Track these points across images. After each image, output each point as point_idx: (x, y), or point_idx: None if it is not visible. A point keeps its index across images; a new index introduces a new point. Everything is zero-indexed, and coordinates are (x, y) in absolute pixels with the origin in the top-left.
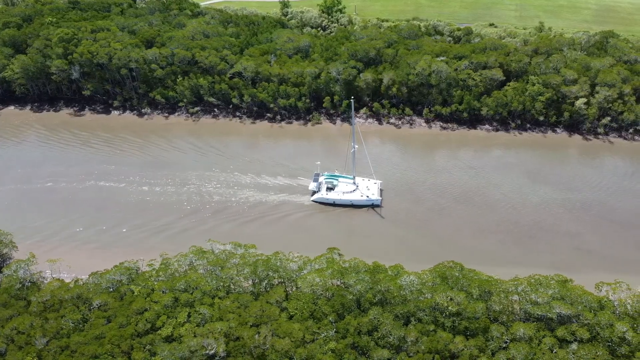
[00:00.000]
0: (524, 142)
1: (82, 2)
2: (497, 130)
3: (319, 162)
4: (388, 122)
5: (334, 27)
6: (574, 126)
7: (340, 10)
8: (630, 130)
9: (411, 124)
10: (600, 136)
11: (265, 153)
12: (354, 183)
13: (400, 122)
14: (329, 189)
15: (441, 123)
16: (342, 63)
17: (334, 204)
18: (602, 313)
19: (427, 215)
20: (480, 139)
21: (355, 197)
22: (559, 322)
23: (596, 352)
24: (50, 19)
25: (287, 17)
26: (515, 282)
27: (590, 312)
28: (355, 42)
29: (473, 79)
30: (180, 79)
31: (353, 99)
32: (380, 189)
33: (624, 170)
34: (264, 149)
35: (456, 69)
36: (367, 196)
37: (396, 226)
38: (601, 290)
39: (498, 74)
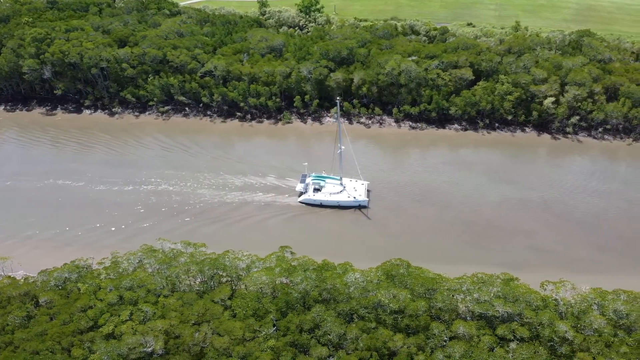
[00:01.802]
0: (492, 142)
1: (60, 2)
2: (466, 129)
3: (306, 163)
4: (358, 122)
5: (312, 26)
6: (543, 125)
7: (319, 10)
8: (600, 130)
9: (381, 124)
10: (569, 135)
11: (236, 152)
12: (341, 184)
13: (370, 121)
14: (316, 190)
15: (410, 122)
16: (313, 62)
17: (321, 205)
18: (543, 312)
19: (386, 213)
20: (447, 139)
21: (342, 198)
22: (503, 320)
23: (534, 351)
24: (27, 19)
25: (265, 16)
26: (460, 280)
27: (532, 310)
28: (328, 41)
29: (442, 78)
30: (152, 78)
31: (339, 99)
32: (368, 190)
33: (586, 169)
34: (234, 148)
35: (426, 69)
36: (354, 197)
37: (359, 225)
38: (546, 289)
39: (467, 74)
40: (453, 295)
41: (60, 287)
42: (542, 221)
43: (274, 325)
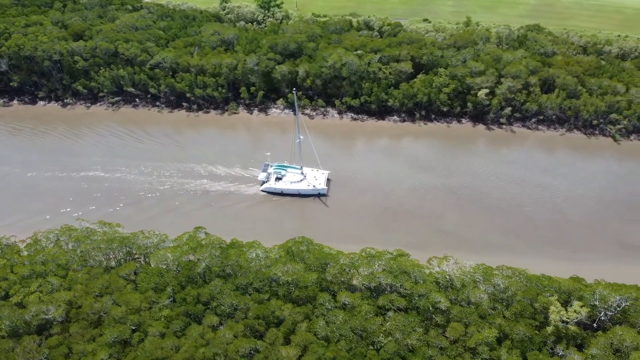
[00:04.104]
0: (426, 132)
1: None
2: (404, 121)
3: (268, 153)
4: (303, 113)
5: (270, 21)
6: (479, 117)
7: (278, 6)
8: (534, 120)
9: (324, 115)
10: (503, 126)
11: (187, 142)
12: (302, 173)
13: (314, 113)
14: (278, 179)
15: (352, 114)
16: (262, 55)
17: (282, 194)
18: (421, 284)
19: (299, 199)
20: (385, 130)
21: (302, 186)
22: (391, 292)
23: (408, 319)
24: None
25: (225, 11)
26: (352, 255)
27: (412, 283)
28: (277, 35)
29: (383, 71)
30: (103, 70)
31: (295, 90)
32: (328, 179)
33: (508, 158)
34: (185, 139)
35: (369, 63)
36: (314, 186)
37: (277, 211)
38: (431, 265)
39: (406, 67)
40: (345, 269)
41: None
42: (453, 206)
43: (169, 297)
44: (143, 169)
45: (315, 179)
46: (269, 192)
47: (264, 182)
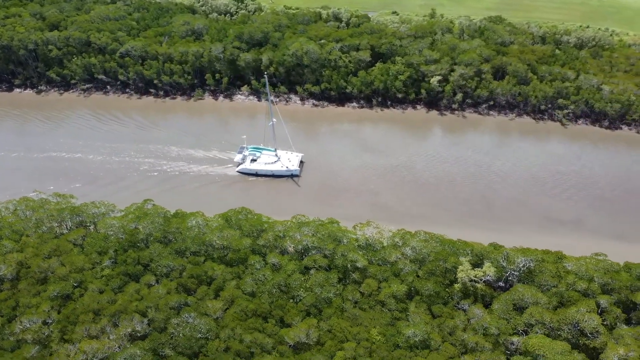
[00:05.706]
0: (381, 118)
1: None
2: (363, 107)
3: (244, 136)
4: (266, 99)
5: (242, 13)
6: (433, 103)
7: None
8: (485, 106)
9: (287, 101)
10: (456, 112)
11: (153, 125)
12: (276, 155)
13: (278, 99)
14: (253, 160)
15: (314, 101)
16: (228, 43)
17: (256, 174)
18: (342, 246)
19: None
20: (342, 115)
21: (276, 167)
22: (315, 254)
23: (327, 276)
24: None
25: (200, 3)
26: (285, 223)
27: (335, 245)
28: (243, 25)
29: (343, 60)
30: (76, 58)
31: (267, 74)
32: (302, 161)
33: (449, 141)
34: (148, 123)
35: (329, 51)
36: (287, 167)
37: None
38: (356, 230)
39: (365, 55)
40: (279, 235)
41: None
42: (390, 183)
43: (111, 259)
44: (116, 151)
45: (289, 160)
46: (244, 173)
47: (239, 164)
